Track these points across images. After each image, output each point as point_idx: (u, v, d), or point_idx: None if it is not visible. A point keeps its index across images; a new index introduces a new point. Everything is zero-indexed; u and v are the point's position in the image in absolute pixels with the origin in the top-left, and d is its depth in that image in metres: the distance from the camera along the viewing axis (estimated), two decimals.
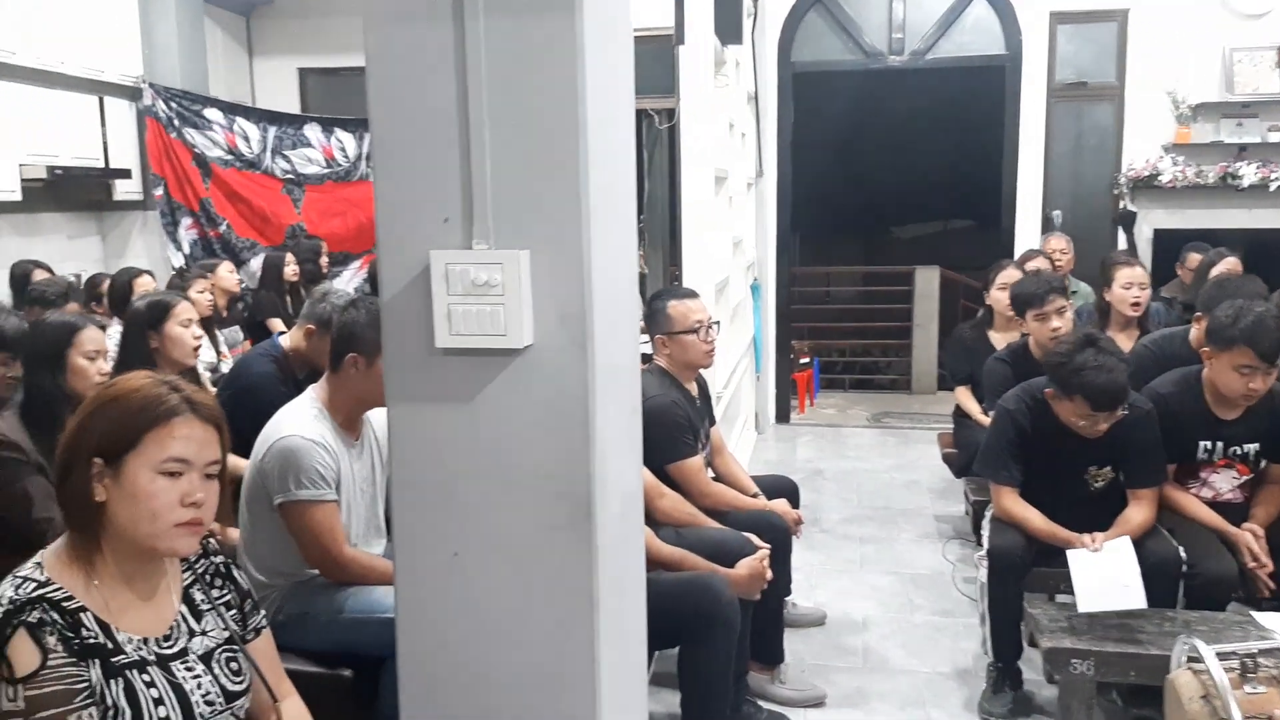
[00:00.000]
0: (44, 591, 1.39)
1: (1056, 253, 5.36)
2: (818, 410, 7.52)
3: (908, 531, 4.77)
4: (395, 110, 1.67)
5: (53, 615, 1.36)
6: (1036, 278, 3.72)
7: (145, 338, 3.02)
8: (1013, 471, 3.08)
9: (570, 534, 1.72)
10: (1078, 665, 2.66)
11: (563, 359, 1.67)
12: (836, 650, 3.52)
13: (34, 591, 1.38)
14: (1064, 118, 6.51)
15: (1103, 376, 2.82)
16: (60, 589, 1.40)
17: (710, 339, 3.08)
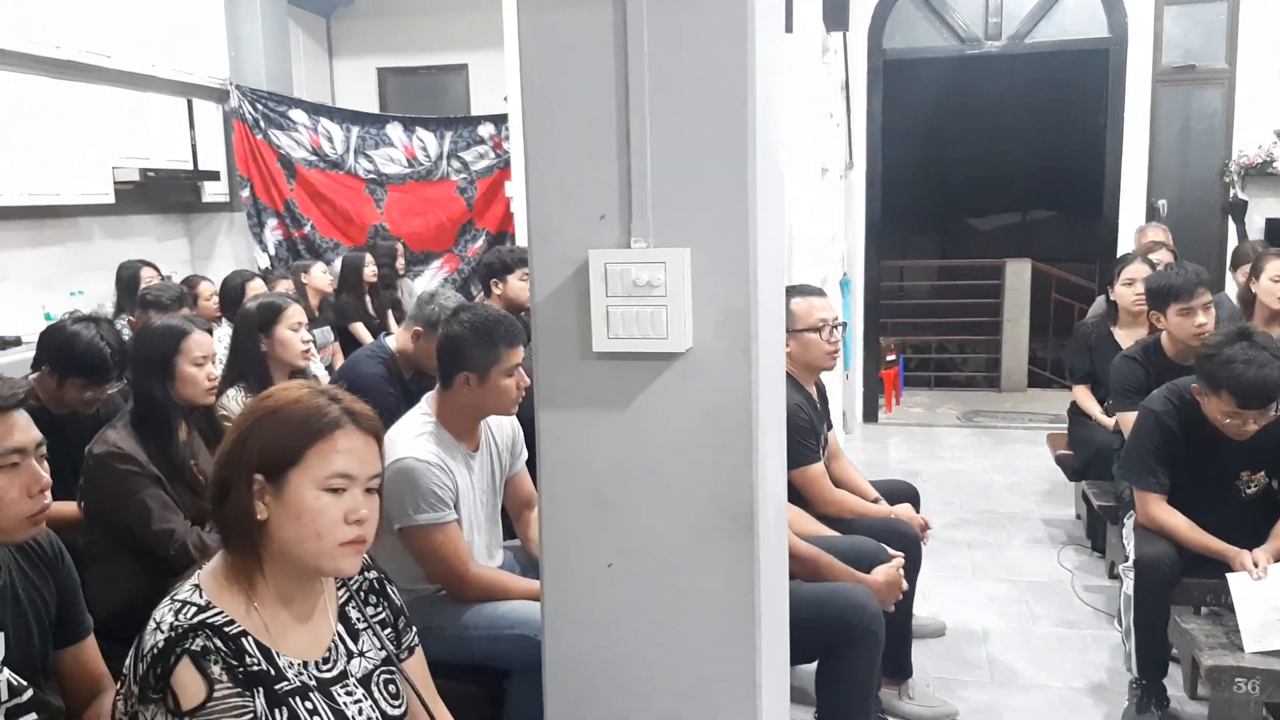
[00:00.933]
0: (205, 616, 1.32)
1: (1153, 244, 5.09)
2: (905, 409, 7.32)
3: (1017, 537, 4.57)
4: (548, 99, 1.58)
5: (216, 642, 1.29)
6: (1181, 269, 3.49)
7: (256, 341, 2.98)
8: (1160, 477, 2.89)
9: (731, 545, 1.62)
10: (1242, 685, 2.48)
11: (725, 362, 1.57)
12: (960, 663, 3.36)
13: (195, 616, 1.31)
14: (1170, 103, 6.21)
15: (1253, 371, 2.63)
16: (221, 613, 1.33)
17: (835, 339, 2.94)
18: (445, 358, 2.34)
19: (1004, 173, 10.44)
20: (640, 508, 1.63)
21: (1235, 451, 2.82)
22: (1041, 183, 10.16)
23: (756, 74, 1.50)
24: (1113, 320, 4.34)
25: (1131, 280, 4.20)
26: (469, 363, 2.30)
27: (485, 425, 2.45)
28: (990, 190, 10.98)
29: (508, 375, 2.31)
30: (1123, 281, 4.24)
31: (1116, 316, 4.32)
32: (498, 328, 2.33)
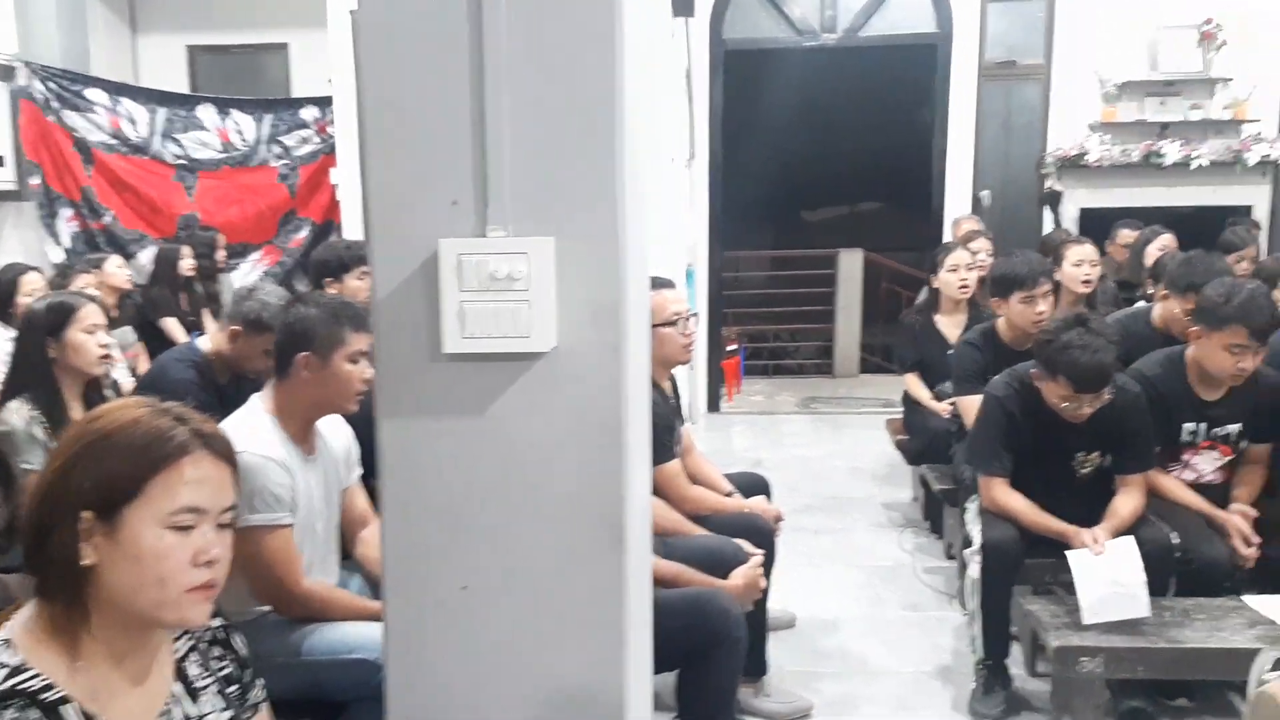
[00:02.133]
0: (18, 681, 1.08)
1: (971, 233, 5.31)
2: (746, 398, 7.40)
3: (860, 521, 4.65)
4: (390, 72, 1.39)
5: (30, 715, 1.07)
6: (1025, 258, 3.60)
7: (43, 346, 2.62)
8: (1004, 461, 2.96)
9: (601, 560, 1.49)
10: (1086, 663, 2.55)
11: (593, 362, 1.43)
12: (814, 654, 3.35)
13: (4, 681, 1.07)
14: (993, 97, 6.51)
15: (1088, 356, 2.71)
16: (37, 675, 1.10)
17: (690, 332, 2.86)
18: (284, 343, 2.16)
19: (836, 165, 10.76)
20: (500, 523, 1.48)
21: (1071, 433, 2.91)
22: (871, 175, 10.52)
23: (625, 46, 1.37)
24: (935, 308, 4.45)
25: (955, 267, 4.32)
26: (311, 342, 2.12)
27: (320, 431, 2.24)
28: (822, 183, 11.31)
29: (351, 361, 2.14)
30: (946, 269, 4.36)
31: (938, 304, 4.43)
32: (345, 309, 2.19)
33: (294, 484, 2.06)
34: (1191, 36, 6.17)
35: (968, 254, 4.42)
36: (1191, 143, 6.21)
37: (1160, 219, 5.26)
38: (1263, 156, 6.18)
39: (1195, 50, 6.17)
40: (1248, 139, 6.24)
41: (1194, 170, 6.21)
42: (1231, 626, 2.61)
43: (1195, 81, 6.23)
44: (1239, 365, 2.86)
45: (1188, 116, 6.24)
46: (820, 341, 8.47)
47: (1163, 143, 6.22)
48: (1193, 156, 6.17)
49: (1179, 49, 6.18)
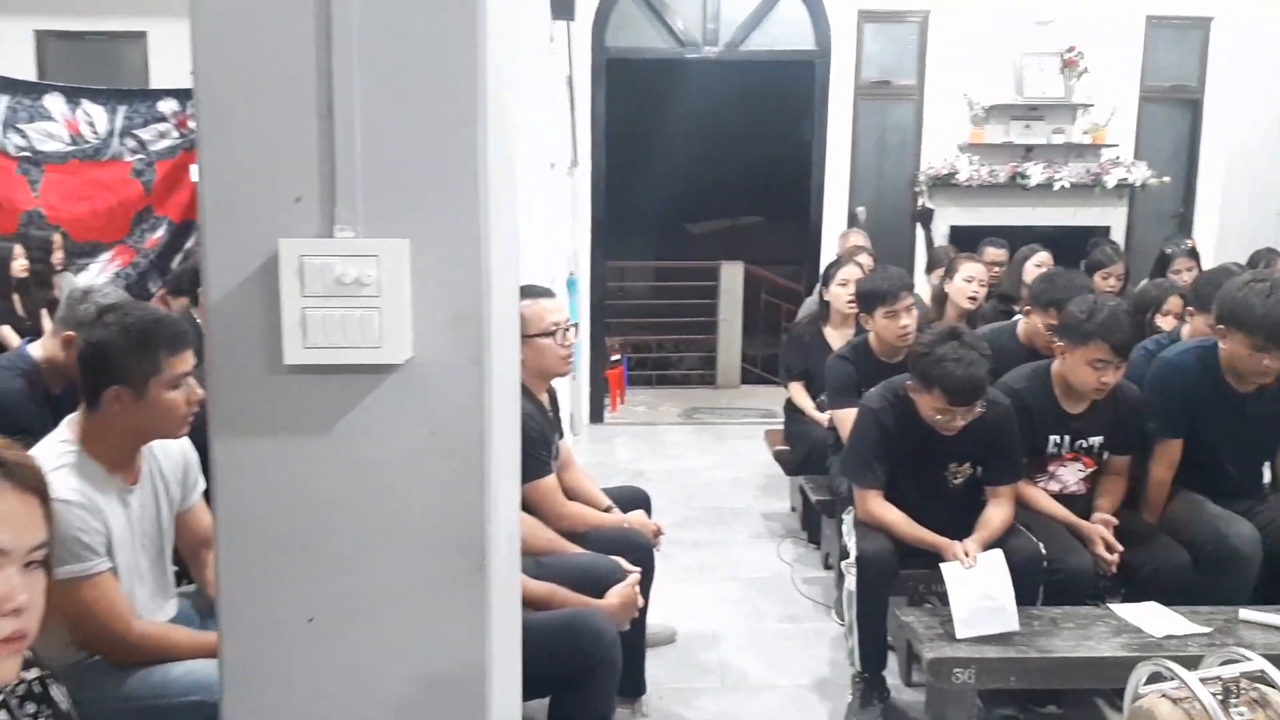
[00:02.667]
0: None
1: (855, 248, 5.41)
2: (629, 408, 7.35)
3: (740, 533, 4.64)
4: (228, 56, 1.25)
5: None
6: (886, 274, 3.65)
7: None
8: (878, 473, 2.97)
9: (460, 587, 1.38)
10: (960, 674, 2.56)
11: (453, 375, 1.32)
12: (693, 670, 3.30)
13: None
14: (869, 115, 6.65)
15: (961, 369, 2.75)
16: None
17: (569, 343, 2.77)
18: (89, 371, 1.91)
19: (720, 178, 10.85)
20: (349, 550, 1.36)
21: (944, 445, 2.94)
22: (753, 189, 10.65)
23: (490, 40, 1.28)
24: (824, 320, 4.51)
25: (845, 282, 4.37)
26: (120, 374, 1.88)
27: (149, 451, 2.04)
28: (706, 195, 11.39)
29: (172, 388, 1.92)
30: (837, 283, 4.41)
31: (828, 317, 4.49)
32: (156, 329, 1.93)
33: (106, 524, 1.85)
34: (1054, 63, 6.45)
35: (858, 269, 4.47)
36: (1054, 165, 6.48)
37: (1025, 238, 5.45)
38: (1120, 179, 6.49)
39: (1058, 76, 6.44)
40: (1106, 162, 6.55)
41: (1057, 191, 6.47)
42: (1098, 635, 2.66)
43: (1058, 106, 6.50)
44: (1101, 380, 2.94)
45: (1051, 140, 6.50)
46: (703, 352, 8.49)
47: (1028, 164, 6.47)
48: (1055, 178, 6.43)
49: (1043, 75, 6.45)
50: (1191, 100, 6.80)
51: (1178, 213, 6.92)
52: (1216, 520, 3.00)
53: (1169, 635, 2.64)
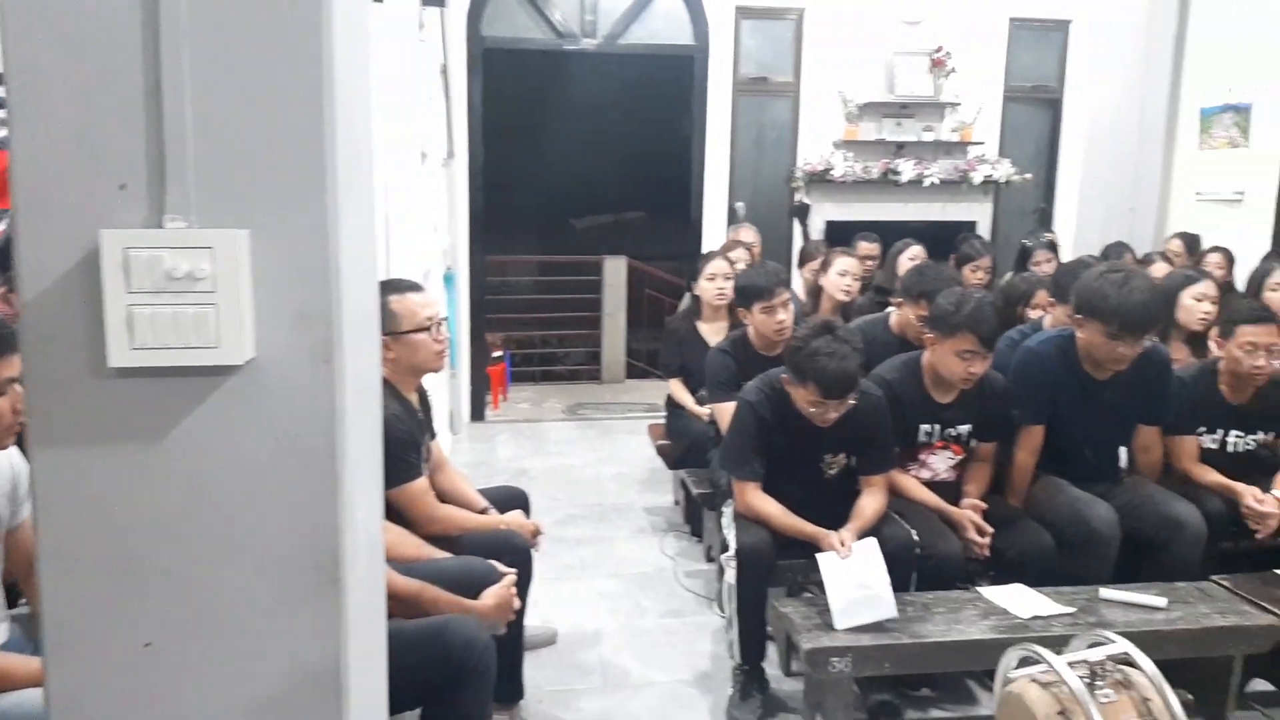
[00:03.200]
0: None
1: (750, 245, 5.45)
2: (512, 405, 7.24)
3: (623, 529, 4.61)
4: (40, 26, 1.14)
5: None
6: (763, 269, 3.67)
7: None
8: (755, 466, 2.98)
9: (313, 603, 1.29)
10: (837, 663, 2.59)
11: (301, 376, 1.24)
12: (574, 671, 3.25)
13: None
14: (747, 111, 6.70)
15: (835, 363, 2.78)
16: None
17: (443, 337, 2.67)
18: None
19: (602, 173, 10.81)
20: (188, 568, 1.25)
21: (818, 436, 2.98)
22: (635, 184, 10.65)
23: (335, 11, 1.19)
24: (696, 315, 4.50)
25: (714, 276, 4.39)
26: None
27: None
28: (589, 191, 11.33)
29: None
30: (705, 277, 4.42)
31: (700, 311, 4.49)
32: None
33: None
34: (923, 63, 6.63)
35: (726, 263, 4.49)
36: (924, 162, 6.67)
37: (898, 232, 5.59)
38: (986, 176, 6.73)
39: (927, 76, 6.63)
40: (973, 160, 6.78)
41: (927, 188, 6.67)
42: (968, 618, 2.73)
43: (927, 105, 6.69)
44: (969, 370, 3.03)
45: (921, 137, 6.69)
46: (588, 347, 8.45)
47: (899, 161, 6.63)
48: (925, 175, 6.62)
49: (912, 74, 6.62)
50: (1051, 100, 7.10)
51: (1039, 208, 7.23)
52: (1077, 503, 3.12)
53: (1035, 616, 2.73)
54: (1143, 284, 3.04)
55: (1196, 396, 3.39)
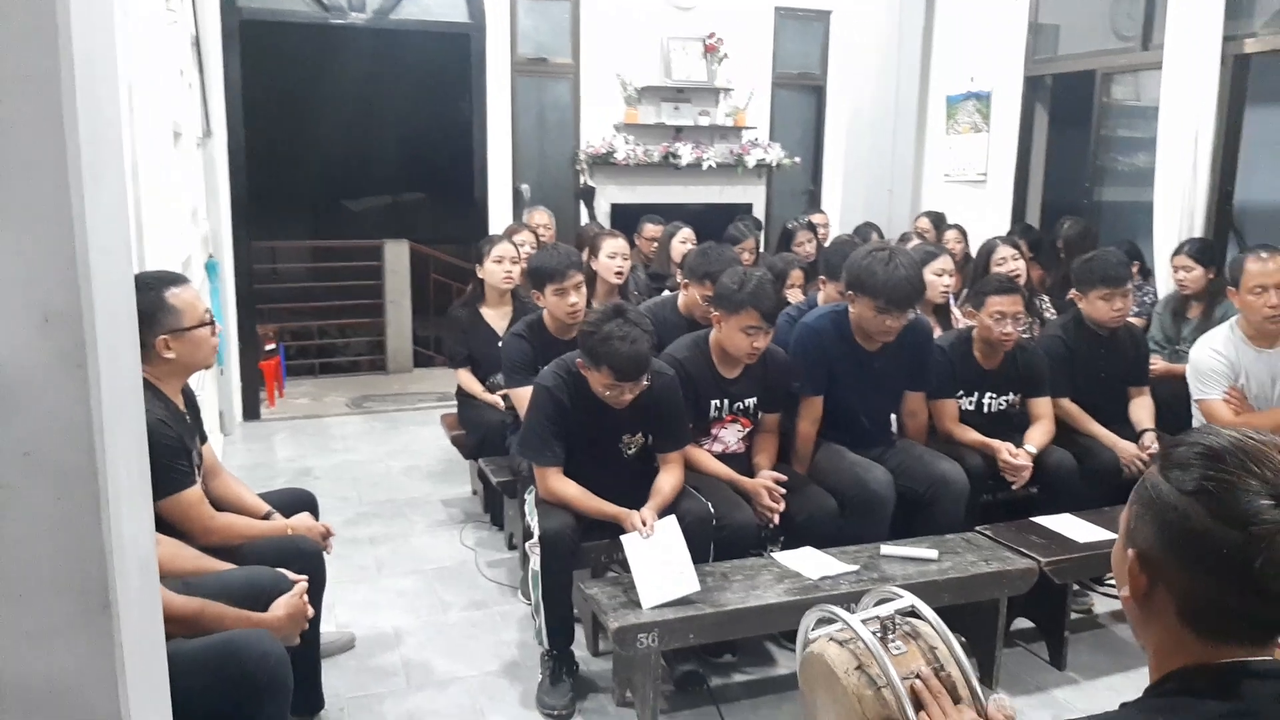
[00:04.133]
0: None
1: (541, 228, 5.41)
2: (290, 401, 6.86)
3: (419, 523, 4.48)
4: None
5: None
6: (555, 252, 3.63)
7: None
8: (556, 450, 2.96)
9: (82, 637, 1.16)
10: (644, 640, 2.62)
11: (48, 384, 1.10)
12: (375, 674, 3.12)
13: None
14: (527, 92, 6.64)
15: (627, 347, 2.81)
16: None
17: (217, 330, 2.47)
18: None
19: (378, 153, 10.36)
20: None
21: (615, 417, 3.00)
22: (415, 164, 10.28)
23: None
24: (481, 300, 4.41)
25: (499, 259, 4.31)
26: None
27: None
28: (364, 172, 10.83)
29: None
30: (491, 260, 4.33)
31: (484, 296, 4.40)
32: None
33: None
34: (697, 48, 6.81)
35: (512, 246, 4.43)
36: (702, 145, 6.86)
37: (680, 215, 5.72)
38: (759, 160, 7.01)
39: (701, 61, 6.81)
40: (747, 144, 7.04)
41: (705, 171, 6.86)
42: (764, 584, 2.84)
43: (702, 90, 6.88)
44: (754, 345, 3.14)
45: (697, 121, 6.87)
46: (371, 336, 8.13)
47: (678, 145, 6.79)
48: (704, 158, 6.81)
49: (687, 59, 6.79)
50: (816, 87, 7.48)
51: (809, 190, 7.62)
52: (856, 468, 3.32)
53: (824, 576, 2.88)
54: (906, 261, 3.26)
55: (954, 363, 3.68)
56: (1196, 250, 4.69)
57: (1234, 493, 1.01)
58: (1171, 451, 1.09)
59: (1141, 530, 1.10)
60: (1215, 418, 3.47)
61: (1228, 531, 1.01)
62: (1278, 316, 3.39)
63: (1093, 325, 3.83)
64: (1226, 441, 1.05)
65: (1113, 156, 6.48)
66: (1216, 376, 3.52)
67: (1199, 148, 5.19)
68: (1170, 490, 1.06)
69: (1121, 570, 1.14)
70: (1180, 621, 1.07)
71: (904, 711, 1.50)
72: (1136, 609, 1.13)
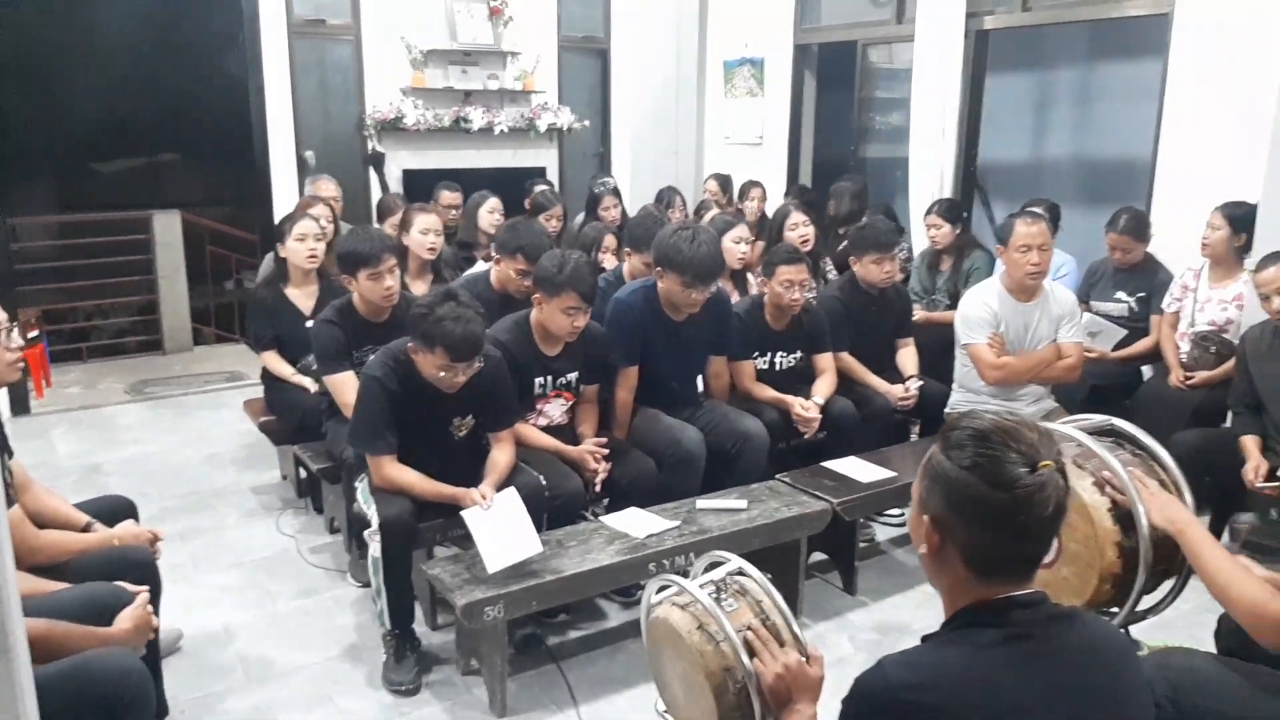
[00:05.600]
0: None
1: (331, 200, 5.27)
2: (60, 391, 6.37)
3: (230, 515, 4.35)
4: None
5: None
6: (366, 234, 3.59)
7: None
8: (389, 439, 3.02)
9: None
10: (490, 612, 2.76)
11: None
12: (212, 673, 3.09)
13: None
14: (306, 55, 6.38)
15: (461, 328, 2.89)
16: None
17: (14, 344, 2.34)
18: None
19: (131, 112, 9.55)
20: None
21: (447, 401, 3.08)
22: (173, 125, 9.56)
23: None
24: (284, 280, 4.30)
25: (303, 237, 4.20)
26: None
27: None
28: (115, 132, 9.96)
29: None
30: (294, 238, 4.22)
31: (288, 275, 4.29)
32: None
33: None
34: (482, 11, 6.76)
35: (314, 223, 4.32)
36: (492, 110, 6.85)
37: (474, 180, 5.73)
38: (550, 124, 7.09)
39: (487, 24, 6.78)
40: (537, 108, 7.09)
41: (497, 135, 6.87)
42: (596, 546, 3.04)
43: (489, 53, 6.85)
44: (574, 324, 3.31)
45: (486, 85, 6.85)
46: (143, 316, 7.60)
47: (469, 109, 6.76)
48: (495, 123, 6.82)
49: (473, 22, 6.73)
50: (600, 50, 7.62)
51: (599, 152, 7.79)
52: (671, 429, 3.57)
53: (650, 534, 3.11)
54: (708, 238, 3.51)
55: (749, 327, 3.99)
56: (945, 209, 5.26)
57: (1000, 465, 1.29)
58: (949, 435, 1.36)
59: (931, 500, 1.36)
60: (980, 360, 3.96)
61: (997, 495, 1.29)
62: (1036, 273, 3.89)
63: (865, 286, 4.25)
64: (989, 425, 1.33)
65: (874, 118, 7.06)
66: (982, 324, 3.99)
67: (946, 115, 5.78)
68: (952, 467, 1.33)
69: (918, 533, 1.41)
70: (965, 569, 1.35)
71: (740, 660, 1.72)
72: (932, 562, 1.40)
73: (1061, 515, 1.32)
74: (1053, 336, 3.99)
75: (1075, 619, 1.38)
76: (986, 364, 3.93)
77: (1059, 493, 1.30)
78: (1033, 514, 1.29)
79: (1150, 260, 4.74)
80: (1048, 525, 1.31)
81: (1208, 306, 4.38)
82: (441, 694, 2.99)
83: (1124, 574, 2.18)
